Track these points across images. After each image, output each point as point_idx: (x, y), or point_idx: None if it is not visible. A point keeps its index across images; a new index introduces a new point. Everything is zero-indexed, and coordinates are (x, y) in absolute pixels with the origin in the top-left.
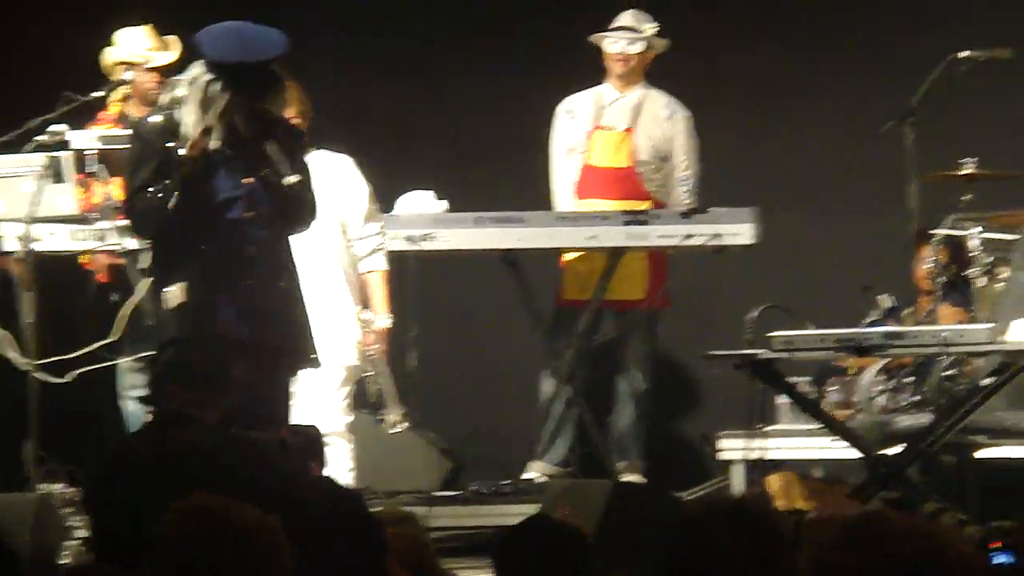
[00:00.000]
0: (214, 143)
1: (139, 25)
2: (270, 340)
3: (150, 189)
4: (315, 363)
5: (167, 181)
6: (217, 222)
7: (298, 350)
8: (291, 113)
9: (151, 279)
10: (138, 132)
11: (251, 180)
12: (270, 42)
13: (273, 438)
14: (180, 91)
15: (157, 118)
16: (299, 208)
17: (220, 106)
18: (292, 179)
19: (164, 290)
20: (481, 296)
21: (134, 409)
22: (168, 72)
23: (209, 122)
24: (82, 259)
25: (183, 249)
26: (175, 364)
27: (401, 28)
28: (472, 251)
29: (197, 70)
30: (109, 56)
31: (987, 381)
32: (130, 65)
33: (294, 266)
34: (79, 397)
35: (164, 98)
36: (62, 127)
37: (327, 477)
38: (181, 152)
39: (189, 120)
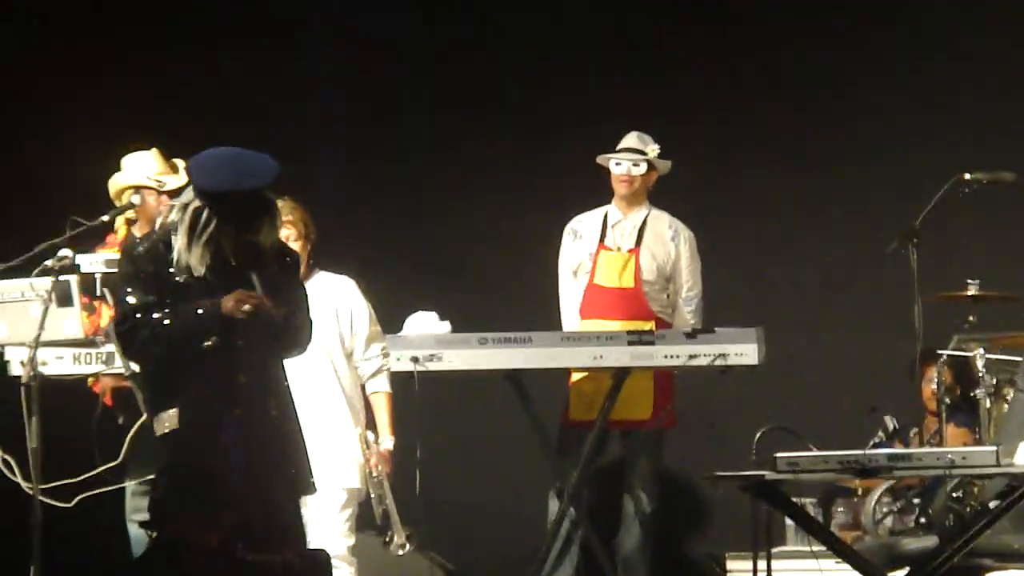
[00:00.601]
0: (199, 270)
1: (146, 150)
2: (266, 467)
3: (153, 315)
4: (311, 489)
5: (164, 308)
6: (207, 351)
7: (294, 476)
8: (293, 235)
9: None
10: (129, 255)
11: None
12: (259, 171)
13: (277, 561)
14: (173, 216)
15: (147, 242)
16: (288, 336)
17: (208, 234)
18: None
19: (157, 415)
20: (486, 416)
21: (138, 533)
22: (177, 195)
23: (197, 250)
24: (90, 381)
25: (176, 375)
26: (172, 488)
27: (405, 149)
28: (477, 372)
29: (189, 195)
30: (117, 181)
31: (994, 504)
32: (139, 189)
33: (286, 391)
34: (86, 521)
35: (158, 222)
36: (68, 251)
37: None
38: (177, 279)
39: (180, 246)
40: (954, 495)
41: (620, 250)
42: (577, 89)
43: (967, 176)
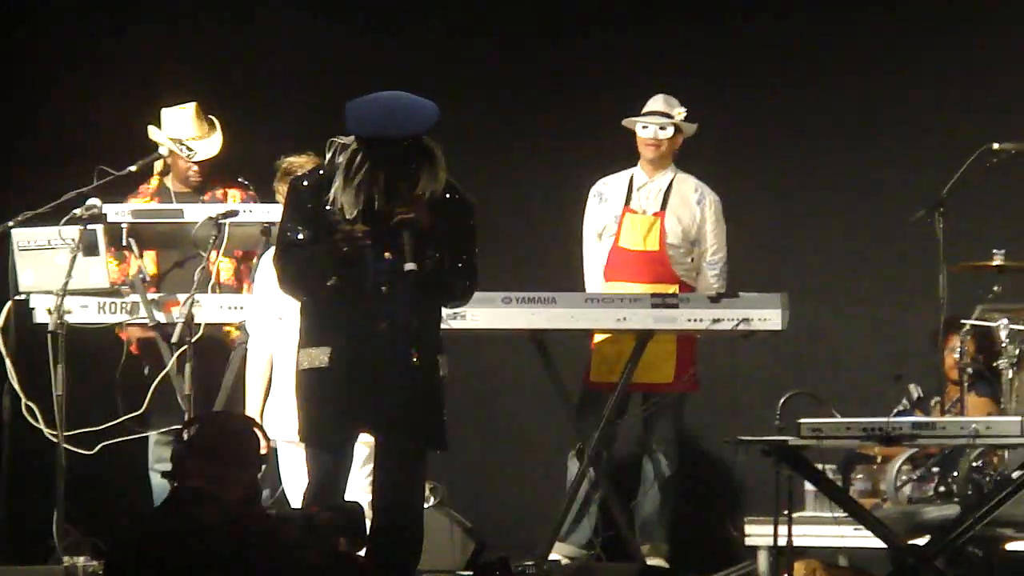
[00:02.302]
0: (351, 212)
1: (185, 104)
2: (395, 416)
3: (303, 251)
4: (442, 445)
5: (321, 245)
6: (357, 294)
7: (423, 428)
8: None
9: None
10: (294, 188)
11: (388, 256)
12: (414, 118)
13: (298, 515)
14: (341, 157)
15: (313, 177)
16: (438, 287)
17: (359, 177)
18: (409, 267)
19: (303, 349)
20: (509, 376)
21: (160, 482)
22: (206, 163)
23: (350, 192)
24: (117, 330)
25: (325, 313)
26: (197, 441)
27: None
28: (501, 331)
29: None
30: (153, 134)
31: (1017, 474)
32: (170, 151)
33: (436, 342)
34: (109, 469)
35: (328, 159)
36: (97, 200)
37: (343, 556)
38: (334, 218)
39: (336, 185)
40: (974, 464)
41: (645, 213)
42: (604, 51)
43: (995, 146)
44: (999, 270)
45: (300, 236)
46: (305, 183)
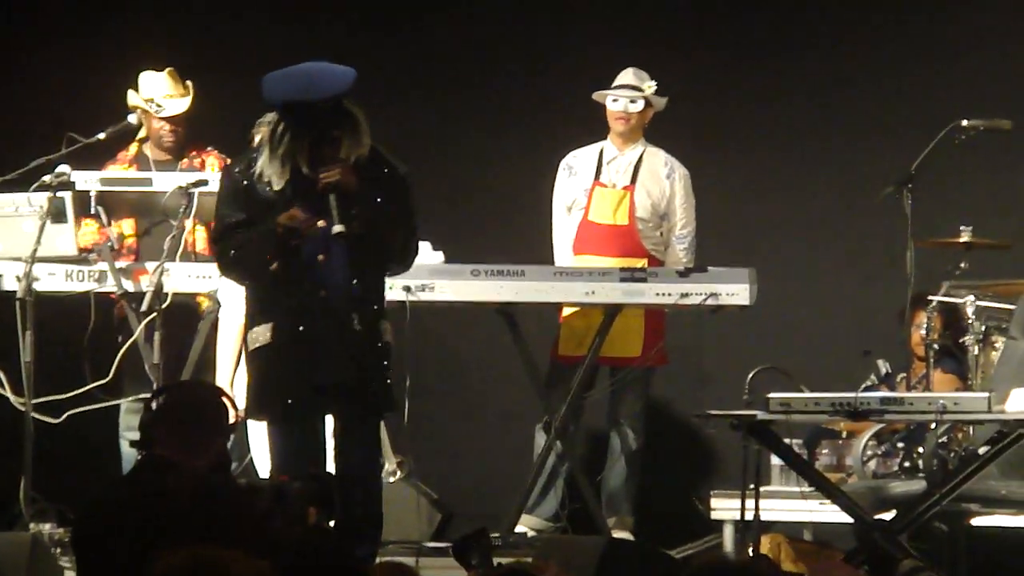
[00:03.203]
0: (278, 184)
1: (160, 69)
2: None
3: (238, 234)
4: (389, 406)
5: (251, 225)
6: (290, 265)
7: (370, 392)
8: None
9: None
10: (227, 170)
11: (321, 224)
12: (328, 80)
13: (266, 486)
14: (261, 134)
15: (244, 158)
16: (374, 250)
17: (283, 147)
18: (337, 229)
19: (250, 331)
20: (477, 348)
21: (129, 451)
22: (182, 120)
23: (275, 163)
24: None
25: (268, 291)
26: (166, 409)
27: (401, 82)
28: (469, 303)
29: (273, 113)
30: (130, 99)
31: (983, 450)
32: (144, 110)
33: (378, 306)
34: (77, 437)
35: (255, 141)
36: (66, 168)
37: (312, 526)
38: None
39: (262, 160)
40: (940, 440)
41: (615, 187)
42: (574, 24)
43: (964, 123)
44: (966, 247)
45: (234, 220)
46: (236, 168)
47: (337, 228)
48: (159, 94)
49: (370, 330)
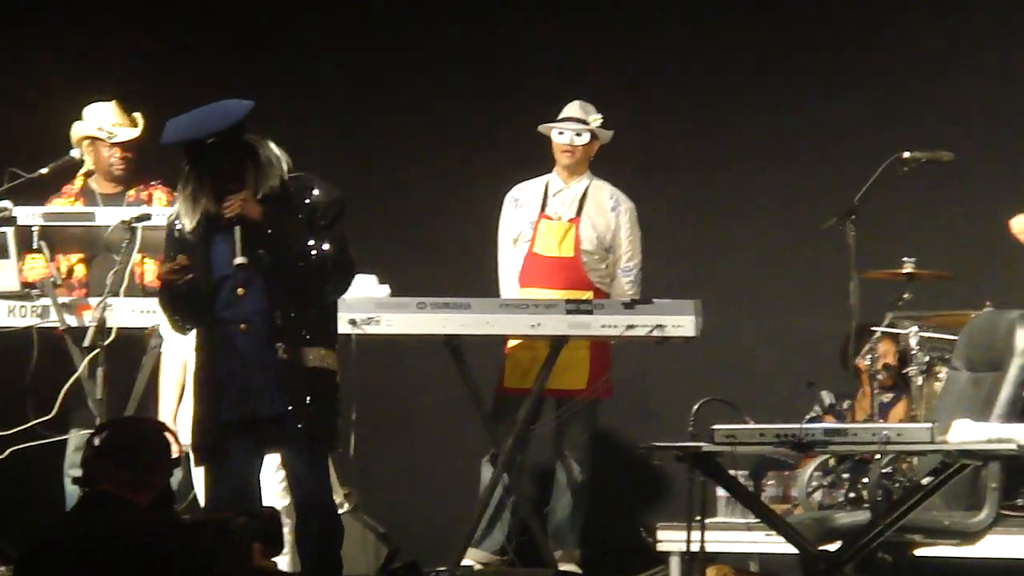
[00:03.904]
0: (190, 224)
1: (106, 101)
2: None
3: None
4: (328, 436)
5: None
6: (216, 301)
7: (303, 423)
8: None
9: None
10: (167, 217)
11: (236, 260)
12: (219, 115)
13: (212, 520)
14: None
15: (173, 209)
16: (290, 283)
17: (189, 189)
18: (239, 261)
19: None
20: (423, 381)
21: (73, 488)
22: (133, 148)
23: (187, 204)
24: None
25: (201, 326)
26: (108, 445)
27: (348, 114)
28: (415, 336)
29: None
30: (75, 130)
31: (926, 480)
32: (93, 140)
33: (300, 336)
34: (21, 474)
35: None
36: (8, 203)
37: (259, 564)
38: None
39: (177, 205)
40: (883, 471)
41: (560, 219)
42: (519, 57)
43: (906, 155)
44: (909, 277)
45: (167, 267)
46: (173, 216)
47: (239, 260)
48: (108, 123)
49: (298, 359)
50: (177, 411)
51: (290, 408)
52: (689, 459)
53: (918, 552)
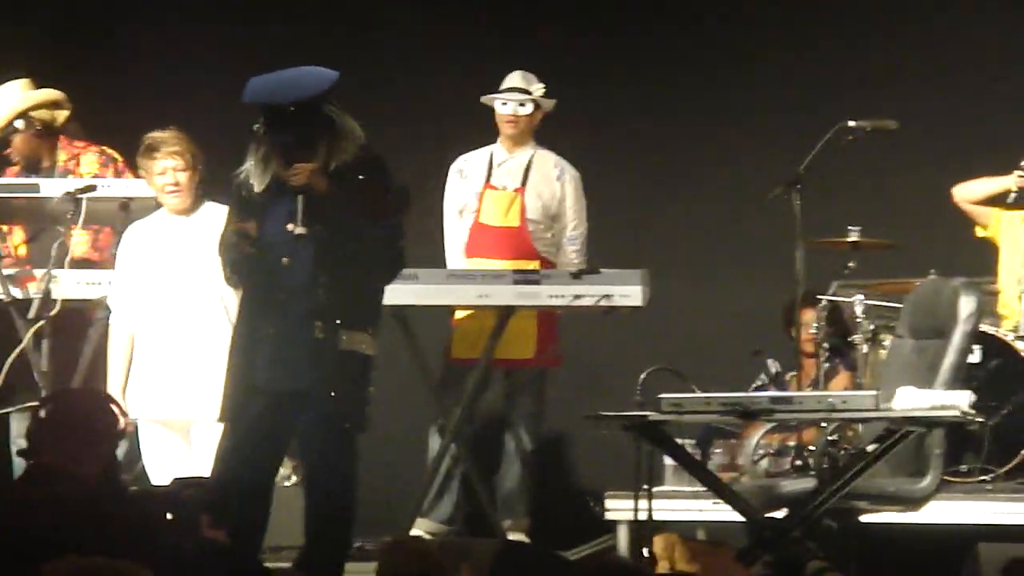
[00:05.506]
0: (259, 187)
1: (18, 79)
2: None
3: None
4: (356, 421)
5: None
6: (263, 267)
7: (328, 402)
8: (180, 165)
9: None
10: (230, 180)
11: (291, 227)
12: (302, 83)
13: (160, 492)
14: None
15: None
16: (349, 262)
17: (261, 152)
18: (299, 230)
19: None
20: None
21: (19, 460)
22: (50, 132)
23: (258, 166)
24: None
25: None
26: (51, 417)
27: None
28: None
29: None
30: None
31: (871, 447)
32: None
33: (341, 315)
34: None
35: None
36: None
37: (207, 535)
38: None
39: (247, 165)
40: (829, 438)
41: (506, 189)
42: (462, 27)
43: (851, 123)
44: (854, 246)
45: (232, 227)
46: (236, 173)
47: (299, 230)
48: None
49: (333, 339)
50: (126, 384)
51: (315, 387)
52: (636, 429)
53: (863, 518)
